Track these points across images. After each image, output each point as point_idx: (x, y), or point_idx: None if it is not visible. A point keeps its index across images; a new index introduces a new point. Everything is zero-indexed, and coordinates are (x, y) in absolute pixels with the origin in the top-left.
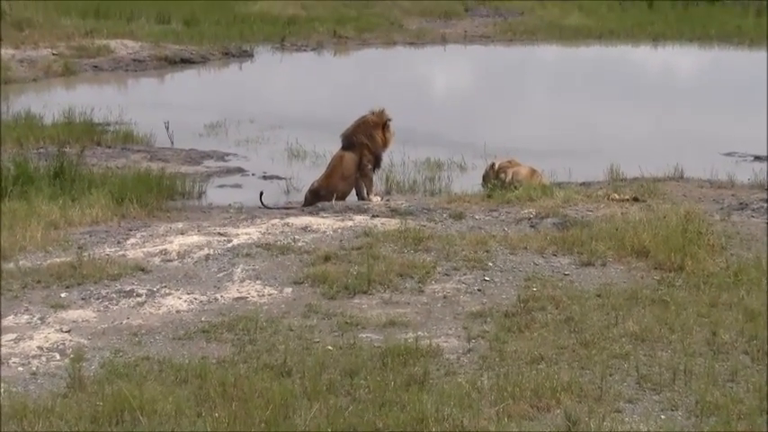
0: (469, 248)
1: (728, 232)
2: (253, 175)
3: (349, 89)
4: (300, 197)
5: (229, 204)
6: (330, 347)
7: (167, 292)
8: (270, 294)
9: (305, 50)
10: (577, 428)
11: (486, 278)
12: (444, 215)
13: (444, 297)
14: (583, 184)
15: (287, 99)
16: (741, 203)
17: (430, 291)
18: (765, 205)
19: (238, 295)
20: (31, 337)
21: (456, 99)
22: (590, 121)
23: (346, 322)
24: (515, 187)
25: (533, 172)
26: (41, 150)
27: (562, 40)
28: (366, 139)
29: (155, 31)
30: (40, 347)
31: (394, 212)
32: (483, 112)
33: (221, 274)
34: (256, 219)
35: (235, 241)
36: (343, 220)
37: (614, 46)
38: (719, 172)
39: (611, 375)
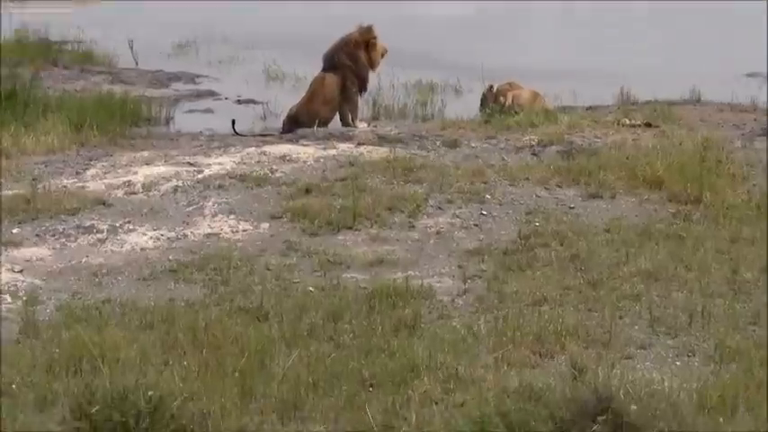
0: (465, 179)
1: (750, 160)
2: (226, 99)
3: (332, 4)
4: (278, 123)
5: (200, 131)
6: (311, 289)
7: (131, 227)
8: (245, 230)
9: None
10: (584, 377)
11: (484, 212)
12: (437, 143)
13: (437, 233)
14: (590, 108)
15: (264, 15)
16: (764, 129)
17: (421, 226)
18: None
19: (210, 231)
20: None
21: (451, 15)
22: (598, 40)
23: (329, 261)
24: (516, 112)
25: (536, 95)
26: None
27: None
28: (349, 60)
29: None
30: None
31: (382, 140)
32: (480, 29)
33: (191, 208)
34: (230, 147)
35: (206, 172)
36: (325, 148)
37: None
38: (741, 94)
39: (621, 318)
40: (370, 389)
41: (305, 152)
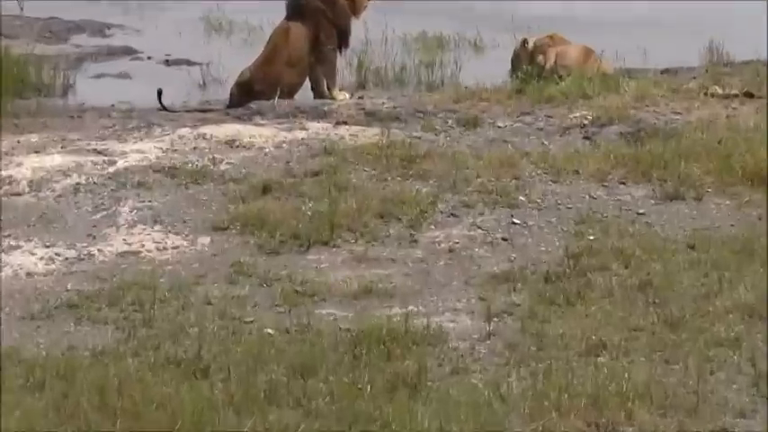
0: (489, 174)
1: None
2: (149, 58)
3: None
4: (224, 94)
5: (112, 105)
6: (270, 331)
7: (13, 243)
8: (176, 247)
9: None
10: None
11: (516, 220)
12: (449, 121)
13: (450, 251)
14: (666, 71)
15: None
16: None
17: (427, 241)
18: None
19: (126, 249)
20: None
21: None
22: None
23: (296, 291)
24: (560, 77)
25: (588, 53)
26: None
27: None
28: (323, 4)
29: None
30: None
31: (370, 117)
32: None
33: (99, 216)
34: (154, 128)
35: (120, 163)
36: (290, 129)
37: None
38: None
39: (712, 373)
40: None
41: (261, 135)
